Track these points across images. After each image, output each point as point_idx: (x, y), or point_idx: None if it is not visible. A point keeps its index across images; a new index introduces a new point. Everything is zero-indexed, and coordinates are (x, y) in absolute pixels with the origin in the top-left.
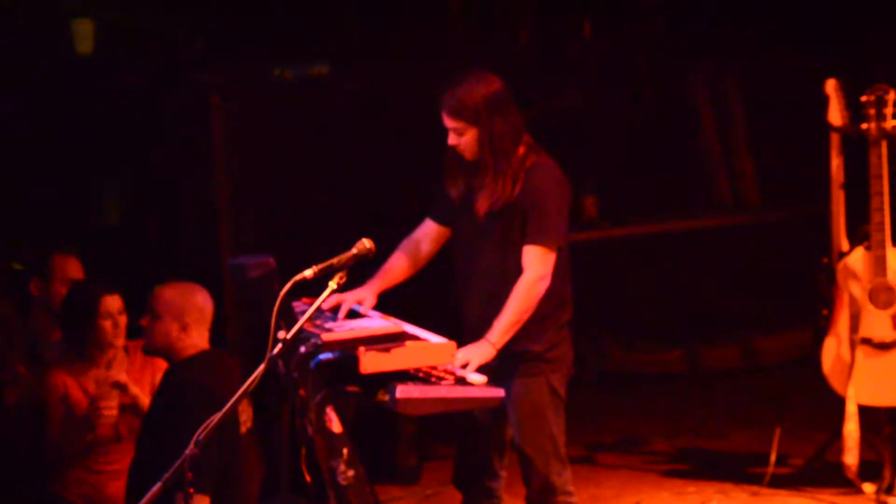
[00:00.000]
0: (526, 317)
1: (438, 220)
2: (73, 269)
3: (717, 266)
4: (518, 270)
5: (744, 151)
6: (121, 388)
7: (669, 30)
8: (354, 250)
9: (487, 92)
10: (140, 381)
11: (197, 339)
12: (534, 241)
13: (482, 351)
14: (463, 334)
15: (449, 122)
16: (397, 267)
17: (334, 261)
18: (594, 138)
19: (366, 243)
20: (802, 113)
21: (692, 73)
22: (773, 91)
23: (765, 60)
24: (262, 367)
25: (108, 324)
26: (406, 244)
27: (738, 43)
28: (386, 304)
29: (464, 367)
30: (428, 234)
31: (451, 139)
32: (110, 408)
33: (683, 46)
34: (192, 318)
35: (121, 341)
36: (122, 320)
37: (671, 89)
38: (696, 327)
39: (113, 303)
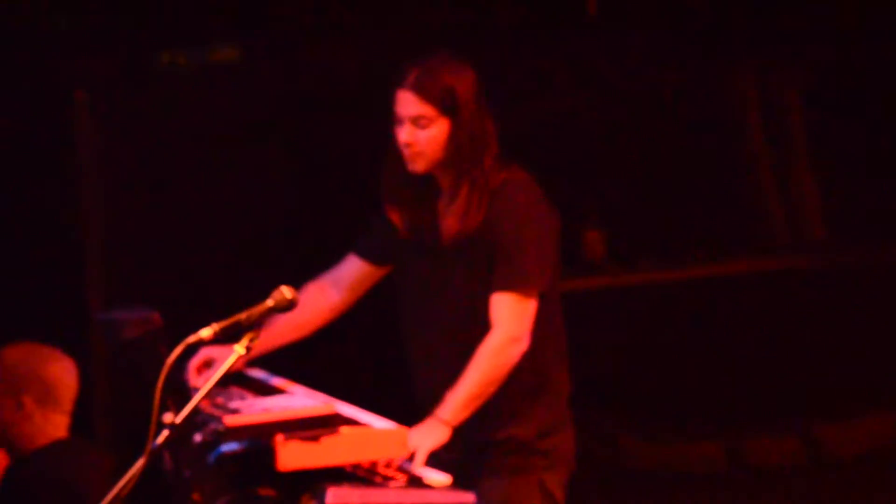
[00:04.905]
0: (492, 389)
1: (366, 256)
2: None
3: (765, 326)
4: (489, 324)
5: (804, 174)
6: None
7: (706, 12)
8: (270, 302)
9: (467, 77)
10: None
11: (44, 423)
12: (504, 287)
13: (433, 432)
14: (417, 414)
15: (411, 108)
16: (285, 323)
17: (242, 316)
18: (600, 155)
19: (285, 293)
20: (883, 124)
21: (736, 69)
22: (844, 95)
23: (833, 53)
24: (141, 461)
25: None
26: (308, 290)
27: (797, 31)
28: (311, 375)
29: (411, 457)
30: (346, 276)
31: (406, 134)
32: None
33: (725, 34)
34: (34, 394)
35: None
36: None
37: (706, 90)
38: (738, 411)
39: None
